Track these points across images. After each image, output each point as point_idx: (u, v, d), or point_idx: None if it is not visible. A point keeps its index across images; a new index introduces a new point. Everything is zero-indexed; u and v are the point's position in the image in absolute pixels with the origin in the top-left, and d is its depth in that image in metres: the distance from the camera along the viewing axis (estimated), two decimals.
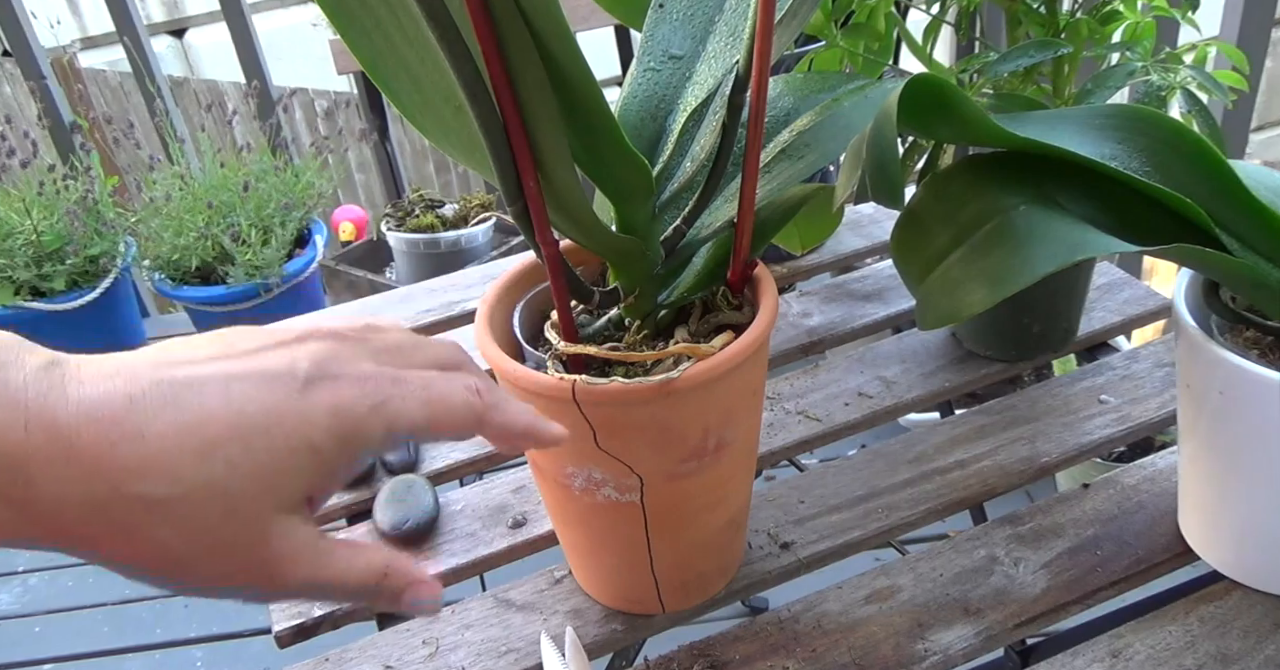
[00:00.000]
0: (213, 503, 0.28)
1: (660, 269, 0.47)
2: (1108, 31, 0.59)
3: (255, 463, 0.29)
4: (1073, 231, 0.42)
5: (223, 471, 0.29)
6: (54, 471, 0.27)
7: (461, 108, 0.36)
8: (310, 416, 0.30)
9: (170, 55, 3.65)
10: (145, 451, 0.28)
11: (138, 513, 0.28)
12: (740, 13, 0.47)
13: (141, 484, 0.28)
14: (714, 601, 0.56)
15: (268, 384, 0.30)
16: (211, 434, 0.29)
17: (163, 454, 0.28)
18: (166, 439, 0.28)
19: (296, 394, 0.30)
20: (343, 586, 0.31)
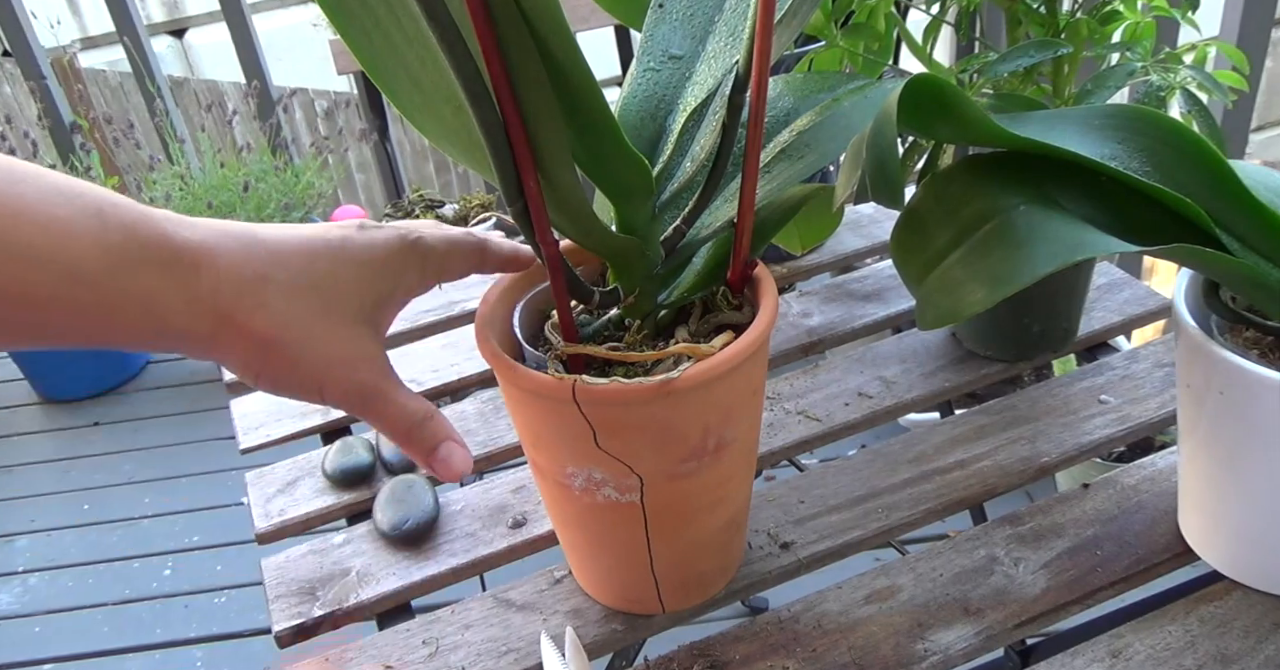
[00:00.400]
0: (316, 293, 0.39)
1: (660, 269, 0.47)
2: (1108, 31, 0.59)
3: (342, 272, 0.40)
4: (1073, 231, 0.42)
5: (321, 275, 0.39)
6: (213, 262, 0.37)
7: (461, 107, 0.36)
8: (373, 243, 0.41)
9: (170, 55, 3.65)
10: (270, 253, 0.38)
11: (272, 293, 0.38)
12: (740, 13, 0.47)
13: (274, 270, 0.38)
14: (714, 601, 0.56)
15: (332, 228, 0.41)
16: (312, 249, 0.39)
17: (282, 256, 0.39)
18: (282, 247, 0.39)
19: (358, 232, 0.41)
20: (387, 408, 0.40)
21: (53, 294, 0.33)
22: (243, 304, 0.37)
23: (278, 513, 0.66)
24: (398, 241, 0.42)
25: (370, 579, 0.60)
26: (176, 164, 1.95)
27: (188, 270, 0.36)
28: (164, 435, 1.99)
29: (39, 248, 0.32)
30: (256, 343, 0.38)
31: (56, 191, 0.33)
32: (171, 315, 0.36)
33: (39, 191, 0.33)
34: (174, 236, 0.36)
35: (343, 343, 0.39)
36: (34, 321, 0.33)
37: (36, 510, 1.85)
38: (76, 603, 1.63)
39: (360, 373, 0.40)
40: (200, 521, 1.77)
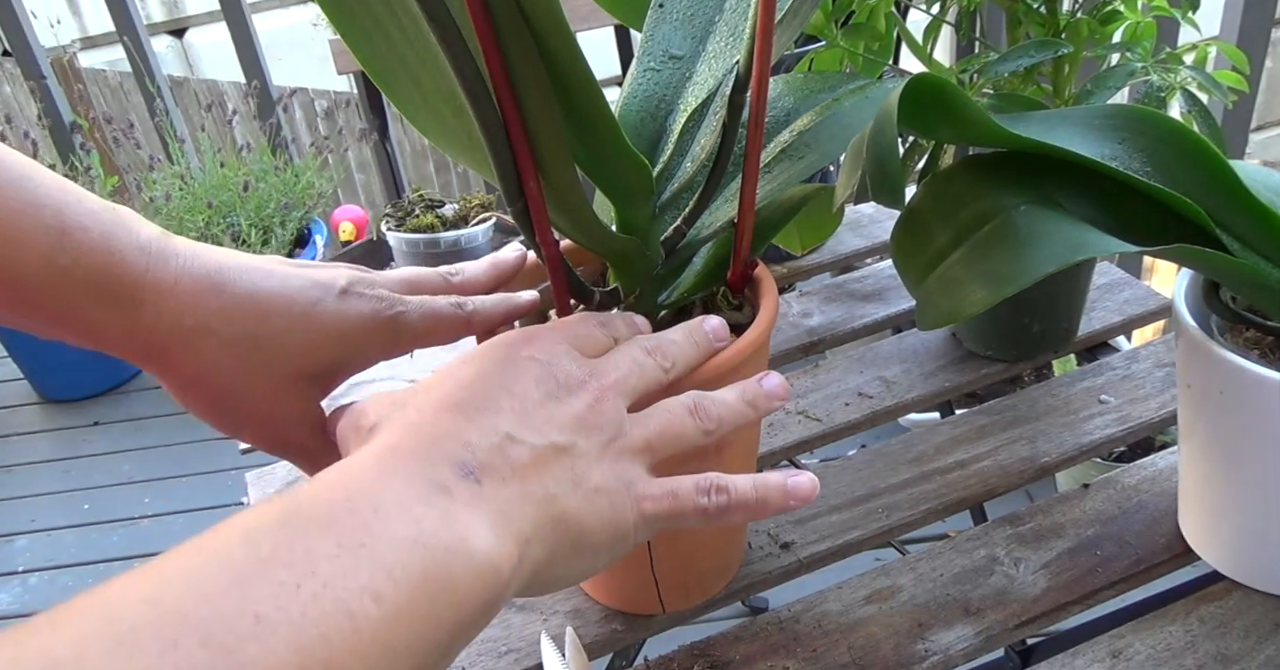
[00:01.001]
0: (257, 351, 0.39)
1: (660, 269, 0.47)
2: (1108, 31, 0.59)
3: (296, 334, 0.40)
4: (1073, 231, 0.42)
5: (272, 334, 0.39)
6: (159, 302, 0.38)
7: (461, 108, 0.36)
8: (343, 314, 0.41)
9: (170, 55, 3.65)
10: (224, 305, 0.39)
11: (209, 343, 0.39)
12: (740, 13, 0.47)
13: (218, 324, 0.39)
14: (714, 601, 0.56)
15: (316, 285, 0.41)
16: (272, 307, 0.40)
17: (236, 309, 0.39)
18: (241, 300, 0.39)
19: (335, 297, 0.41)
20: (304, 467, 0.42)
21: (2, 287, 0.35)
22: (176, 346, 0.39)
23: None
24: (370, 316, 0.42)
25: None
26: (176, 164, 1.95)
27: (130, 304, 0.38)
28: (164, 435, 1.99)
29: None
30: (182, 380, 0.40)
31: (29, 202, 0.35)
32: (107, 338, 0.38)
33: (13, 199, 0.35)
34: (130, 270, 0.37)
35: (271, 401, 0.40)
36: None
37: (36, 510, 1.85)
38: None
39: (284, 431, 0.42)
40: (200, 521, 1.77)
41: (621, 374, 0.38)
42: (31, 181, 0.36)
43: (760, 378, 0.41)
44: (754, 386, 0.40)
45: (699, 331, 0.42)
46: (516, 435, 0.34)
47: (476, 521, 0.31)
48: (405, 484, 0.31)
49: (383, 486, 0.30)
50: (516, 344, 0.38)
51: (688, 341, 0.41)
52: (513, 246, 0.50)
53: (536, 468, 0.34)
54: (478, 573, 0.30)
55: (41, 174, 0.37)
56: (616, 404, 0.37)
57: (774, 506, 0.38)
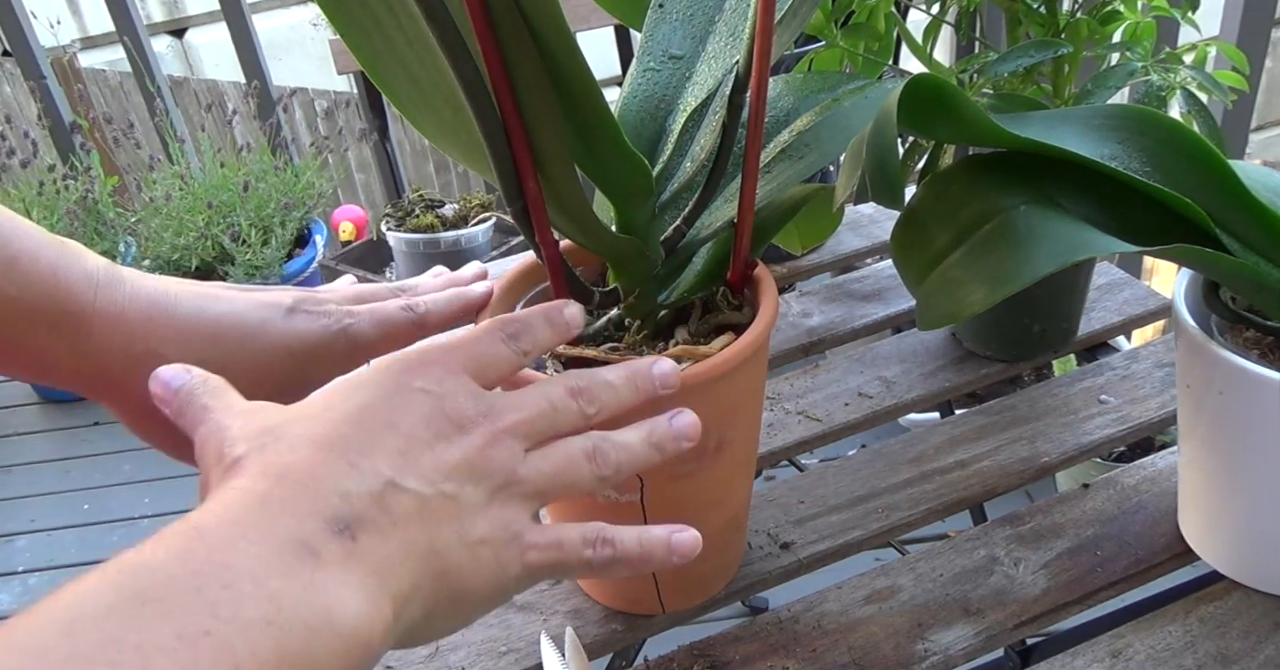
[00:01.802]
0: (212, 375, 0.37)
1: (660, 269, 0.47)
2: (1108, 31, 0.59)
3: (247, 355, 0.40)
4: (1073, 231, 0.42)
5: (221, 356, 0.39)
6: (108, 330, 0.38)
7: (461, 107, 0.36)
8: (291, 331, 0.41)
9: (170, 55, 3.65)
10: (173, 329, 0.39)
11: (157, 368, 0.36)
12: (740, 13, 0.47)
13: (167, 348, 0.39)
14: (714, 601, 0.56)
15: (262, 306, 0.42)
16: (220, 328, 0.40)
17: (184, 333, 0.39)
18: (189, 323, 0.40)
19: (282, 316, 0.42)
20: None
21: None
22: (126, 373, 0.39)
23: None
24: (320, 332, 0.42)
25: None
26: (176, 164, 1.95)
27: (79, 332, 0.38)
28: None
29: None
30: (133, 408, 0.40)
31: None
32: (56, 367, 0.38)
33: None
34: (77, 299, 0.38)
35: None
36: None
37: (36, 510, 1.85)
38: None
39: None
40: None
41: (524, 416, 0.35)
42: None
43: (671, 415, 0.38)
44: (661, 427, 0.38)
45: (644, 376, 0.39)
46: (400, 482, 0.31)
47: (346, 588, 0.28)
48: (264, 550, 0.27)
49: (238, 555, 0.27)
50: (409, 371, 0.35)
51: (626, 385, 0.38)
52: (471, 266, 0.49)
53: (420, 519, 0.31)
54: (345, 647, 0.27)
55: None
56: (511, 447, 0.34)
57: (657, 560, 0.36)
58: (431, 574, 0.31)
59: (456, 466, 0.33)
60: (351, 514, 0.30)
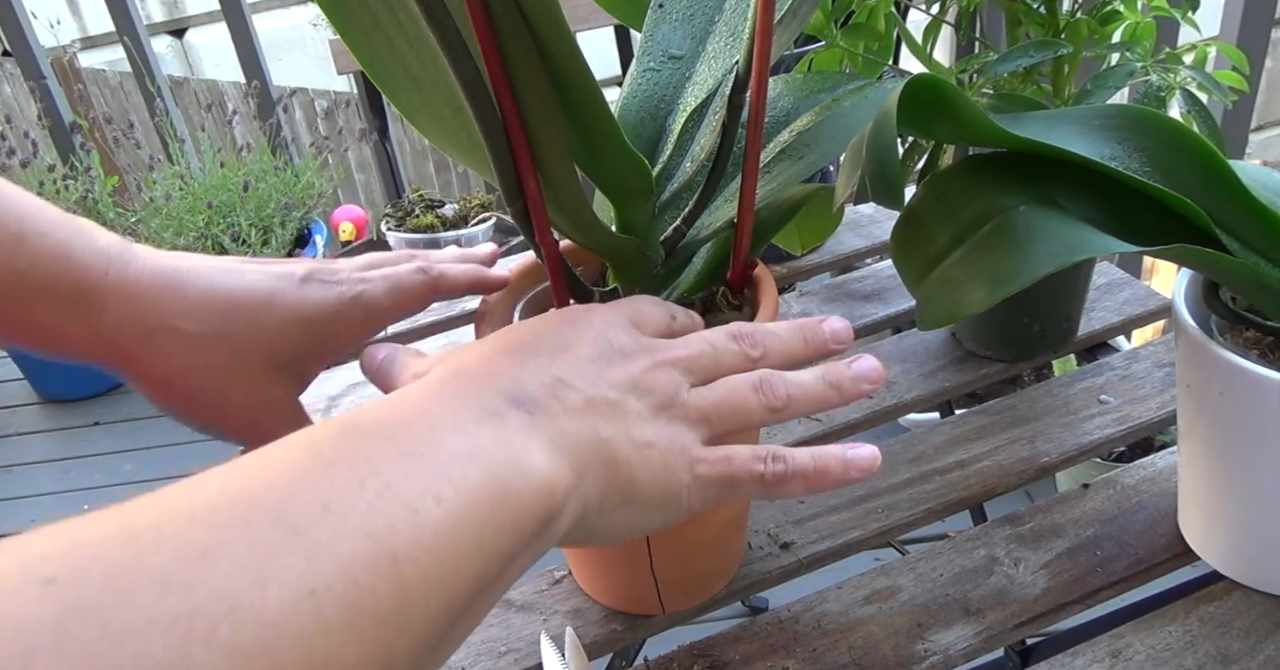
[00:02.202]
0: (223, 345, 0.39)
1: (660, 269, 0.47)
2: (1108, 31, 0.59)
3: (261, 325, 0.40)
4: (1073, 231, 0.42)
5: (236, 327, 0.40)
6: (121, 304, 0.38)
7: (461, 108, 0.36)
8: (304, 301, 0.41)
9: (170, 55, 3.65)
10: (187, 302, 0.39)
11: (174, 341, 0.39)
12: (740, 13, 0.47)
13: (182, 321, 0.39)
14: (714, 601, 0.56)
15: (274, 276, 0.42)
16: (232, 300, 0.40)
17: (198, 306, 0.40)
18: (202, 296, 0.40)
19: (295, 286, 0.41)
20: None
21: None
22: (142, 347, 0.39)
23: None
24: (334, 300, 0.42)
25: None
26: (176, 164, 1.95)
27: (91, 307, 0.38)
28: (164, 435, 1.99)
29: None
30: (153, 381, 0.40)
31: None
32: (71, 342, 0.39)
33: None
34: (90, 274, 0.38)
35: (244, 394, 0.41)
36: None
37: (36, 510, 1.85)
38: None
39: (261, 423, 0.42)
40: None
41: (687, 353, 0.37)
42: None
43: (852, 360, 0.38)
44: (839, 368, 0.38)
45: (812, 328, 0.39)
46: (568, 380, 0.34)
47: (531, 444, 0.31)
48: (458, 407, 0.31)
49: (437, 408, 0.31)
50: (574, 312, 0.38)
51: (793, 336, 0.39)
52: (486, 246, 0.51)
53: (587, 412, 0.33)
54: (533, 489, 0.30)
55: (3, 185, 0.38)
56: (673, 375, 0.36)
57: (833, 477, 0.36)
58: (601, 459, 0.33)
59: (620, 382, 0.35)
60: (526, 395, 0.32)
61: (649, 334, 0.38)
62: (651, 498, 0.34)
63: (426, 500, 0.27)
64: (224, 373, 0.40)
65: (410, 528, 0.26)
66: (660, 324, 0.39)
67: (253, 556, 0.22)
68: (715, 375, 0.37)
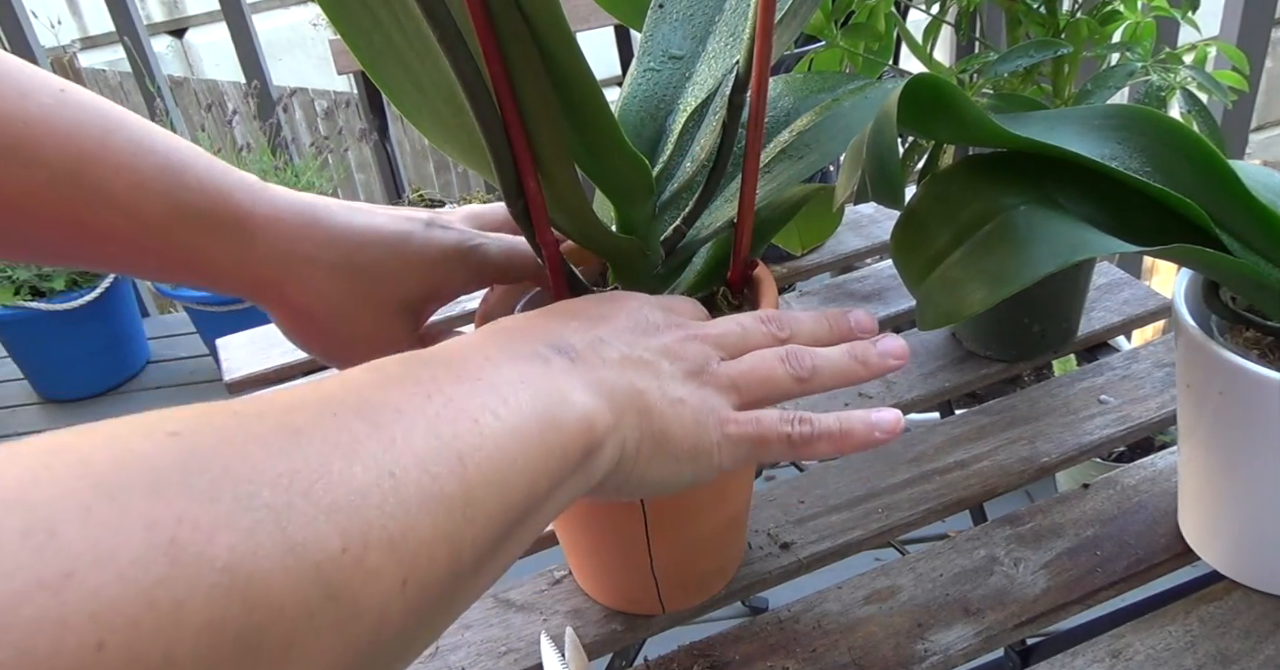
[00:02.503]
0: (359, 279, 0.42)
1: (660, 269, 0.47)
2: (1108, 31, 0.59)
3: (392, 264, 0.43)
4: (1073, 231, 0.42)
5: (370, 263, 0.42)
6: (268, 236, 0.40)
7: (461, 107, 0.36)
8: (429, 244, 0.43)
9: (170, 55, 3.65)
10: (327, 234, 0.42)
11: (315, 273, 0.41)
12: (740, 13, 0.47)
13: (324, 254, 0.41)
14: (714, 601, 0.56)
15: (404, 218, 0.44)
16: (368, 237, 0.42)
17: (338, 239, 0.42)
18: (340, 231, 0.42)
19: (423, 227, 0.44)
20: None
21: (119, 233, 0.37)
22: (287, 276, 0.41)
23: None
24: (454, 248, 0.44)
25: None
26: None
27: (243, 237, 0.40)
28: None
29: (114, 193, 0.36)
30: (293, 310, 0.43)
31: (139, 145, 0.37)
32: (221, 271, 0.40)
33: (125, 142, 0.37)
34: (240, 205, 0.40)
35: (371, 325, 0.43)
36: (101, 253, 0.38)
37: None
38: None
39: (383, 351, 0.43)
40: None
41: (717, 330, 0.39)
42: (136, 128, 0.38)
43: (877, 339, 0.40)
44: (864, 344, 0.40)
45: (837, 316, 0.41)
46: (607, 339, 0.36)
47: (574, 384, 0.33)
48: (506, 348, 0.34)
49: (488, 347, 0.34)
50: (610, 293, 0.41)
51: (818, 322, 0.41)
52: None
53: (624, 366, 0.36)
54: (577, 419, 0.32)
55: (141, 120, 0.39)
56: (703, 347, 0.38)
57: (858, 438, 0.38)
58: (636, 408, 0.35)
59: (654, 347, 0.37)
60: (568, 345, 0.35)
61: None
62: (683, 451, 0.36)
63: (486, 414, 0.29)
64: (357, 306, 0.43)
65: (472, 435, 0.28)
66: (689, 311, 0.41)
67: (340, 440, 0.25)
68: (743, 351, 0.39)
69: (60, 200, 0.36)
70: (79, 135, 0.36)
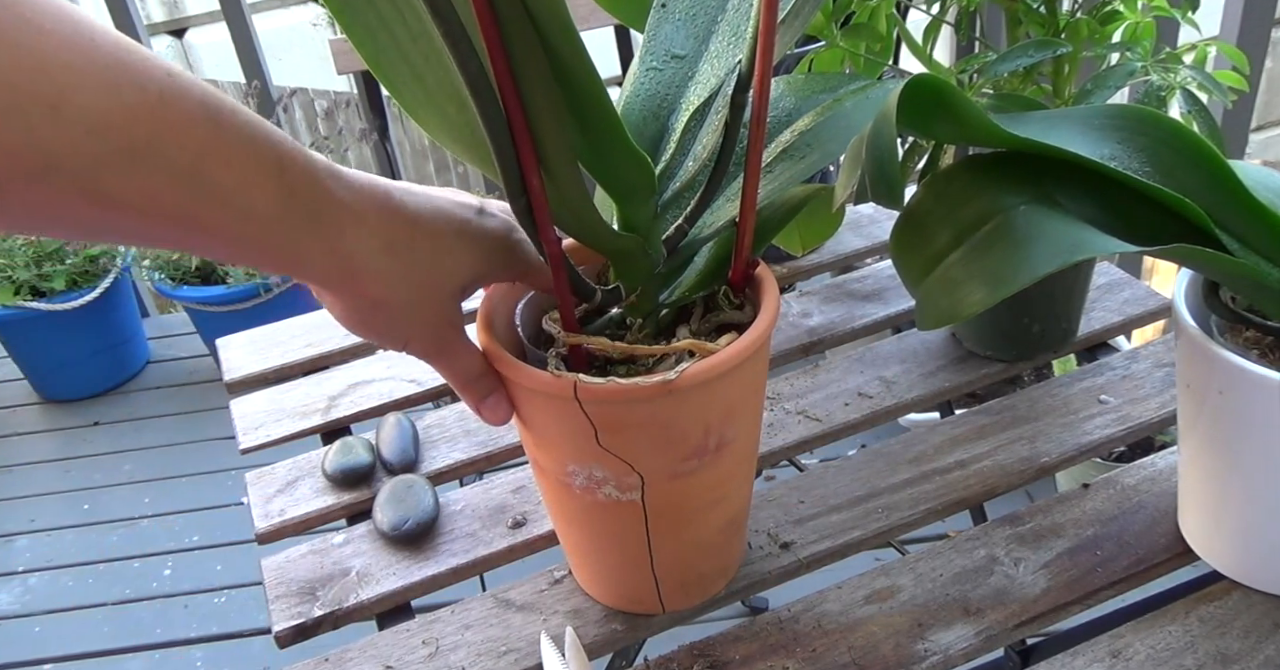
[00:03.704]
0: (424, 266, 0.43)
1: (662, 268, 0.47)
2: (1108, 31, 0.59)
3: (455, 252, 0.43)
4: (1073, 231, 0.42)
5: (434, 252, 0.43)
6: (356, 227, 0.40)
7: (465, 105, 0.36)
8: (482, 232, 0.44)
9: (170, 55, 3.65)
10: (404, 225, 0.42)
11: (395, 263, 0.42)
12: (743, 13, 0.47)
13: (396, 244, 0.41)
14: (714, 601, 0.56)
15: (461, 206, 0.44)
16: (433, 227, 0.42)
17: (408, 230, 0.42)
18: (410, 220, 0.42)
19: (475, 215, 0.44)
20: (464, 361, 0.46)
21: (226, 227, 0.36)
22: (367, 269, 0.41)
23: (278, 513, 0.67)
24: (503, 235, 0.45)
25: (370, 579, 0.60)
26: None
27: (335, 229, 0.40)
28: (164, 435, 1.99)
29: (228, 190, 0.35)
30: (368, 300, 0.43)
31: (245, 138, 0.36)
32: (310, 262, 0.40)
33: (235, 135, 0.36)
34: (332, 195, 0.39)
35: (434, 309, 0.44)
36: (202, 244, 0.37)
37: (36, 510, 1.85)
38: (76, 603, 1.63)
39: (442, 332, 0.45)
40: (200, 521, 1.77)
41: None
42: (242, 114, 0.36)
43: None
44: None
45: None
46: None
47: None
48: None
49: None
50: None
51: None
52: None
53: None
54: None
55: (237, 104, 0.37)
56: None
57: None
58: None
59: None
60: None
61: None
62: None
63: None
64: (422, 292, 0.43)
65: None
66: None
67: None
68: None
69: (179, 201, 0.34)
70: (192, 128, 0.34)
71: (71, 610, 1.62)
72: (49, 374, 2.09)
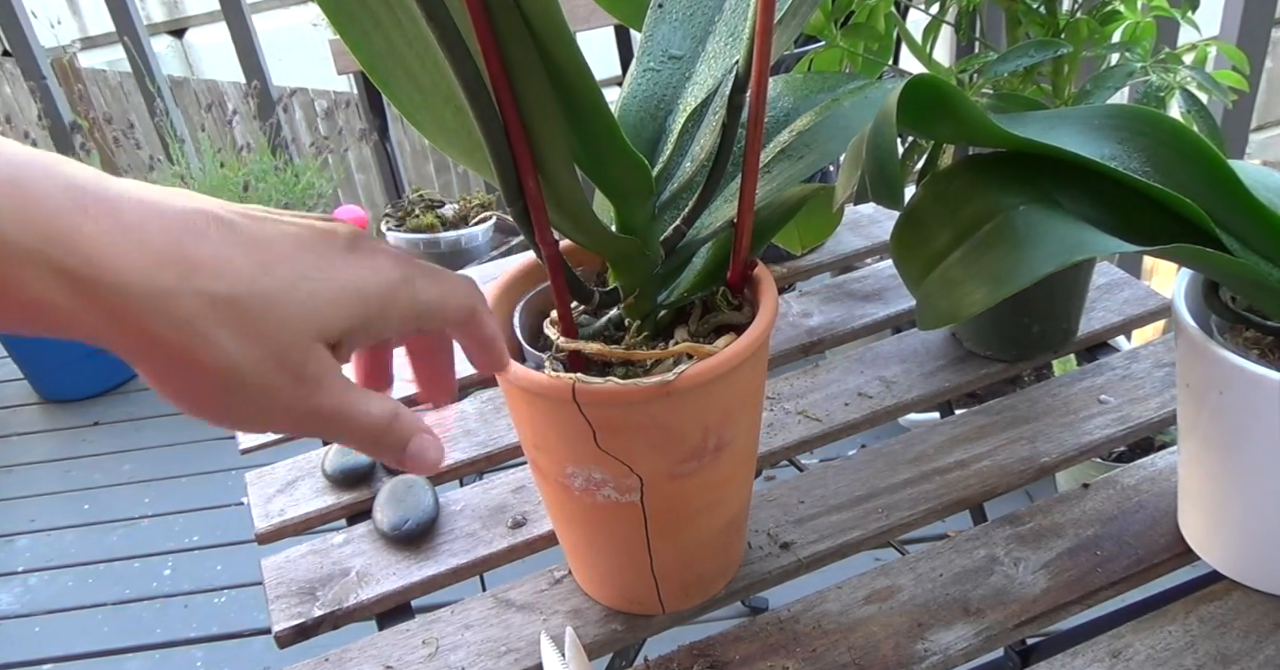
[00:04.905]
0: (269, 311, 0.29)
1: (660, 269, 0.47)
2: (1108, 31, 0.59)
3: (309, 288, 0.30)
4: (1072, 231, 0.42)
5: (279, 286, 0.30)
6: (117, 254, 0.27)
7: (461, 108, 0.36)
8: (358, 268, 0.32)
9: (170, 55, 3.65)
10: (212, 251, 0.29)
11: (199, 307, 0.28)
12: (740, 13, 0.47)
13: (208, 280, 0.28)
14: (714, 601, 0.56)
15: (318, 236, 0.32)
16: (273, 254, 0.30)
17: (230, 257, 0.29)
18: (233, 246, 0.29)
19: (343, 248, 0.32)
20: (357, 422, 0.33)
21: None
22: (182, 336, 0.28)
23: (278, 513, 0.66)
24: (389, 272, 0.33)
25: (370, 579, 0.60)
26: (176, 164, 1.95)
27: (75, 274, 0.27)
28: (164, 435, 1.99)
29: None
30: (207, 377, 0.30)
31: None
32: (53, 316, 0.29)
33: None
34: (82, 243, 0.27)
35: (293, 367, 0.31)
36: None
37: (36, 510, 1.85)
38: (76, 603, 1.63)
39: (314, 398, 0.32)
40: (200, 521, 1.77)
41: None
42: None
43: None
44: None
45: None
46: None
47: None
48: None
49: None
50: None
51: None
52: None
53: None
54: None
55: None
56: None
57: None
58: None
59: None
60: None
61: None
62: None
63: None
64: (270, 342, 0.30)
65: None
66: None
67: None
68: None
69: None
70: None
71: (71, 610, 1.62)
72: (49, 374, 2.09)
